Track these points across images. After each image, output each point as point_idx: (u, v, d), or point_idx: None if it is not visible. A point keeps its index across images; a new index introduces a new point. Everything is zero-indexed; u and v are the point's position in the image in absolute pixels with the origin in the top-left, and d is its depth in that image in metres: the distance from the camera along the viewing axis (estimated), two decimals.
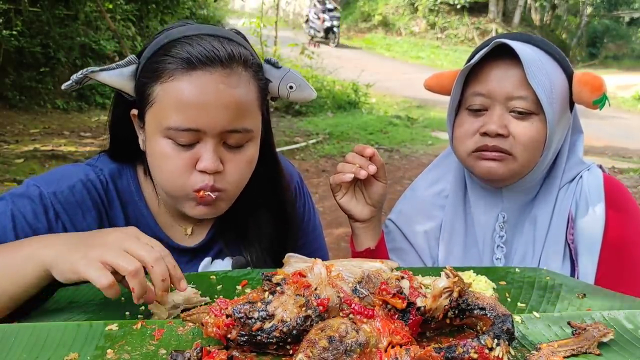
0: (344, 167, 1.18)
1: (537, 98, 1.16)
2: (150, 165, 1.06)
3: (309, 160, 6.87)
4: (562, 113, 1.21)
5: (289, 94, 1.10)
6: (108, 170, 1.12)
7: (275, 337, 0.71)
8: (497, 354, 0.70)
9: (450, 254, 1.34)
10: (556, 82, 1.19)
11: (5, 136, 6.36)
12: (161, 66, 0.98)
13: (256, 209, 1.20)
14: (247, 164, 1.06)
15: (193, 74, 0.96)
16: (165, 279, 0.84)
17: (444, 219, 1.37)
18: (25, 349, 0.75)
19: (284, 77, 1.09)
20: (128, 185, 1.14)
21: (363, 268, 0.81)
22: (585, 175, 1.28)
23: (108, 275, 0.80)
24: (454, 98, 1.27)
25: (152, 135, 1.02)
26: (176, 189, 1.02)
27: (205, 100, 0.96)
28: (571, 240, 1.24)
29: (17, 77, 7.51)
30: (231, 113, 0.98)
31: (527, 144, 1.19)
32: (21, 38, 7.35)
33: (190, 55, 0.96)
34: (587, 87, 1.20)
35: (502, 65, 1.20)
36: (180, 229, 1.18)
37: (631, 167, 7.02)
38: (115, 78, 1.03)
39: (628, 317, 0.86)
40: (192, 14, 11.04)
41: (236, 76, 0.99)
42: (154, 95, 0.99)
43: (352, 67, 11.52)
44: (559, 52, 1.25)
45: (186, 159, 0.99)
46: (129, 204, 1.13)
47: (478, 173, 1.25)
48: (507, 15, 19.13)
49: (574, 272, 1.23)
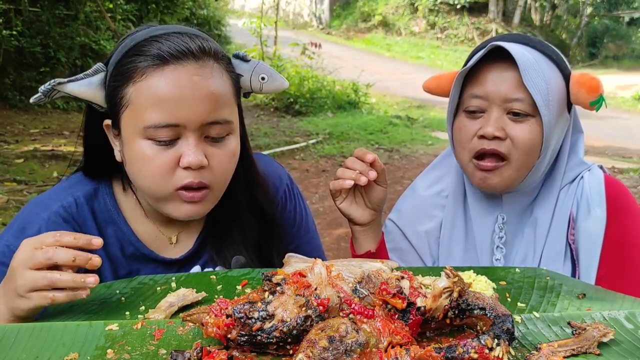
0: (344, 173, 1.18)
1: (534, 100, 1.16)
2: (131, 171, 1.03)
3: (309, 160, 6.87)
4: (559, 114, 1.21)
5: (262, 86, 1.09)
6: (82, 192, 1.09)
7: (276, 337, 0.71)
8: (497, 354, 0.70)
9: (450, 254, 1.34)
10: (553, 84, 1.19)
11: (5, 136, 6.36)
12: (132, 66, 0.96)
13: (237, 209, 1.17)
14: (230, 158, 1.04)
15: (166, 69, 0.95)
16: (75, 257, 0.84)
17: (444, 219, 1.37)
18: (25, 349, 0.75)
19: (254, 70, 1.08)
20: (105, 205, 1.11)
21: (363, 268, 0.81)
22: (586, 175, 1.28)
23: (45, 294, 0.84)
24: (452, 100, 1.27)
25: (130, 138, 0.99)
26: (161, 190, 1.00)
27: (182, 94, 0.95)
28: (572, 241, 1.24)
29: (17, 77, 7.51)
30: (209, 104, 0.97)
31: (524, 147, 1.19)
32: (21, 38, 7.35)
33: (161, 51, 0.95)
34: (584, 88, 1.20)
35: (498, 67, 1.20)
36: (165, 239, 1.14)
37: (631, 167, 7.01)
38: (84, 88, 1.00)
39: (628, 317, 0.86)
40: (192, 14, 11.04)
41: (209, 68, 0.98)
42: (127, 97, 0.97)
43: (352, 67, 11.52)
44: (557, 53, 1.25)
45: (168, 158, 0.97)
46: (108, 224, 1.10)
47: (474, 182, 1.26)
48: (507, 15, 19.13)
49: (575, 273, 1.23)
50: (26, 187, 4.77)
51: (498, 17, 18.66)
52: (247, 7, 18.22)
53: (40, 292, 0.84)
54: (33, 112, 7.56)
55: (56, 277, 0.83)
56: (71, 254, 0.84)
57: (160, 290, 0.96)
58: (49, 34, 7.75)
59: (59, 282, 0.83)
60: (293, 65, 10.27)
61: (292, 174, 1.38)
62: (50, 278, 0.83)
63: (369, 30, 19.85)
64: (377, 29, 19.83)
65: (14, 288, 0.86)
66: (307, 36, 12.82)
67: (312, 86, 10.09)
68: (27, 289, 0.84)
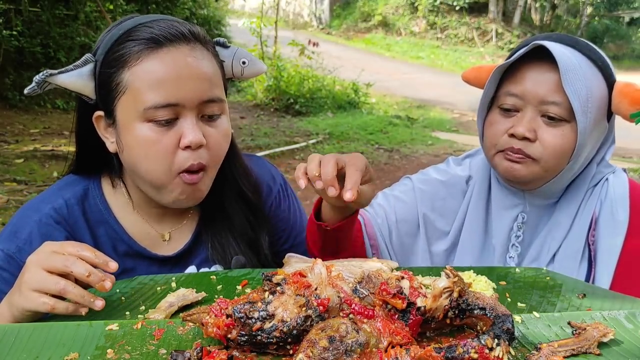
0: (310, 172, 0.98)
1: (571, 105, 1.13)
2: (132, 158, 1.02)
3: None
4: (596, 122, 1.18)
5: (243, 70, 1.13)
6: (72, 193, 1.10)
7: (276, 337, 0.71)
8: (497, 354, 0.70)
9: (465, 247, 1.33)
10: (594, 91, 1.15)
11: (5, 136, 6.36)
12: (125, 52, 0.98)
13: (227, 200, 1.18)
14: (224, 137, 1.07)
15: (160, 51, 0.98)
16: (90, 273, 0.84)
17: (468, 209, 1.35)
18: (25, 349, 0.75)
19: (235, 55, 1.12)
20: (95, 205, 1.11)
21: (363, 268, 0.81)
22: (611, 178, 1.27)
23: (46, 301, 0.83)
24: (486, 94, 1.25)
25: (128, 124, 1.00)
26: (163, 174, 1.02)
27: (179, 74, 0.98)
28: (592, 242, 1.23)
29: (17, 77, 7.50)
30: (204, 83, 1.01)
31: (553, 152, 1.17)
32: (21, 38, 7.34)
33: (154, 34, 0.98)
34: (626, 99, 1.16)
35: (539, 67, 1.17)
36: (158, 236, 1.14)
37: (631, 167, 7.01)
38: (75, 79, 1.01)
39: (628, 317, 0.86)
40: (192, 14, 11.03)
41: (199, 51, 1.02)
42: (123, 82, 0.99)
43: (352, 67, 11.50)
44: (603, 59, 1.20)
45: (169, 139, 0.99)
46: (99, 223, 1.11)
47: (500, 171, 1.24)
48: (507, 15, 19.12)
49: (590, 273, 1.22)
50: (26, 187, 4.77)
51: (498, 17, 18.66)
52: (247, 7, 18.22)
53: (42, 295, 0.84)
54: (33, 112, 7.56)
55: (69, 287, 0.83)
56: (88, 269, 0.84)
57: (160, 290, 0.96)
58: (49, 34, 7.75)
59: (69, 293, 0.83)
60: (293, 65, 10.27)
61: (292, 174, 1.38)
62: (64, 286, 0.83)
63: (369, 30, 19.85)
64: (377, 29, 19.83)
65: (19, 283, 0.86)
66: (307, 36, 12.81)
67: (312, 86, 10.08)
68: (33, 287, 0.84)
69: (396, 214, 1.38)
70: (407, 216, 1.38)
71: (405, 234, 1.38)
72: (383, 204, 1.40)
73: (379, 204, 1.40)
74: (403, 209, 1.38)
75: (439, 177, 1.40)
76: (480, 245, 1.32)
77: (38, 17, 7.69)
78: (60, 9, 8.03)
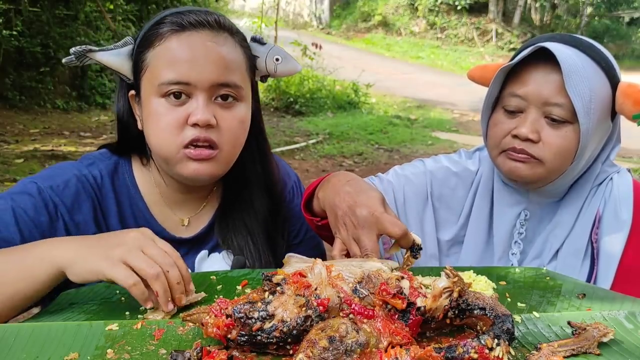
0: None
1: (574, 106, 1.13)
2: (147, 132, 1.09)
3: (309, 160, 6.87)
4: (600, 123, 1.18)
5: (276, 67, 1.16)
6: (104, 166, 1.15)
7: (276, 337, 0.71)
8: (497, 354, 0.70)
9: (470, 241, 1.33)
10: (597, 92, 1.15)
11: (5, 136, 6.36)
12: (153, 33, 1.05)
13: (250, 190, 1.22)
14: (239, 123, 1.09)
15: (183, 34, 1.04)
16: (180, 282, 0.85)
17: (474, 204, 1.35)
18: (25, 349, 0.75)
19: (269, 52, 1.15)
20: (124, 180, 1.16)
21: (363, 268, 0.81)
22: (615, 177, 1.27)
23: (133, 275, 0.83)
24: (491, 95, 1.25)
25: (147, 98, 1.06)
26: (169, 148, 1.05)
27: (194, 55, 1.03)
28: (595, 240, 1.23)
29: (17, 77, 7.51)
30: (220, 67, 1.04)
31: (556, 153, 1.17)
32: (21, 38, 7.34)
33: (181, 20, 1.04)
34: (629, 100, 1.16)
35: (543, 68, 1.17)
36: (177, 219, 1.19)
37: (631, 167, 7.02)
38: (113, 58, 1.08)
39: (628, 317, 0.86)
40: None
41: (223, 38, 1.07)
42: (147, 60, 1.05)
43: (352, 67, 11.50)
44: (607, 59, 1.20)
45: (178, 115, 1.03)
46: (125, 198, 1.15)
47: (504, 171, 1.24)
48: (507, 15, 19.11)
49: (592, 271, 1.22)
50: None
51: (498, 17, 18.66)
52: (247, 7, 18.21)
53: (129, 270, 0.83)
54: (33, 112, 7.56)
55: (162, 277, 0.83)
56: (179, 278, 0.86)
57: None
58: (49, 34, 7.75)
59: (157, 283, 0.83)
60: None
61: None
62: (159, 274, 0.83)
63: (369, 30, 19.85)
64: (377, 29, 19.83)
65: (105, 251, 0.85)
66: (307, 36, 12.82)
67: (312, 86, 10.08)
68: (126, 260, 0.83)
69: (405, 194, 1.38)
70: (415, 198, 1.38)
71: (411, 216, 1.38)
72: (393, 181, 1.40)
73: (389, 180, 1.40)
74: (411, 191, 1.38)
75: (451, 167, 1.41)
76: (484, 240, 1.33)
77: (38, 17, 7.69)
78: (60, 9, 8.03)
